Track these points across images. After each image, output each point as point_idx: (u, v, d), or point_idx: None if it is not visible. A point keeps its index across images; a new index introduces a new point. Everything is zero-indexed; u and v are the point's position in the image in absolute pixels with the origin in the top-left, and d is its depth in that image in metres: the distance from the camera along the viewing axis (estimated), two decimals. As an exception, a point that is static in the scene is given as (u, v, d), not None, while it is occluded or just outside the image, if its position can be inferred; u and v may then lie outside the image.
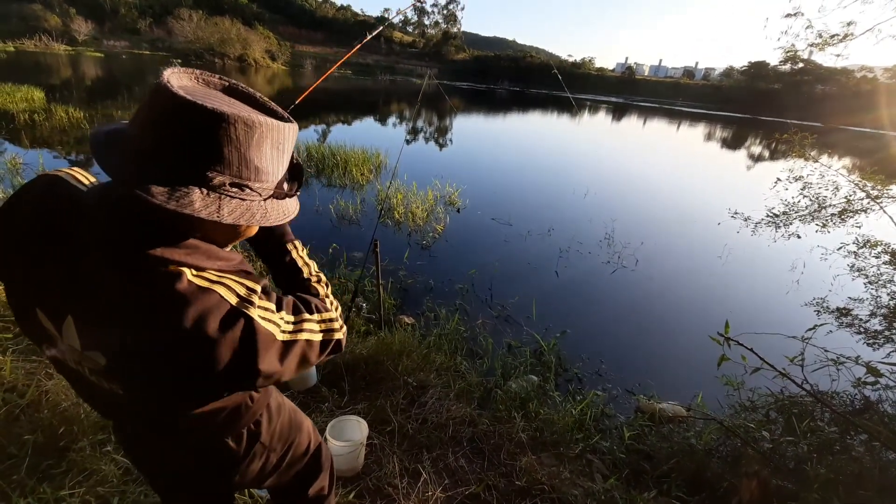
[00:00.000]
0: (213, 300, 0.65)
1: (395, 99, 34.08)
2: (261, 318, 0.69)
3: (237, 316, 0.66)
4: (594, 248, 6.47)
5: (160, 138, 0.61)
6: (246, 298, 0.69)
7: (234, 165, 0.64)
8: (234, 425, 0.94)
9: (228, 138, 0.61)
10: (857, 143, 31.07)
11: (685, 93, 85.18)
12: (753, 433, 2.30)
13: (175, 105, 0.59)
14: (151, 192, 0.59)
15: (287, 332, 0.73)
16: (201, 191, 0.62)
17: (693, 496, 2.19)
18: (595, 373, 3.61)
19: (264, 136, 0.66)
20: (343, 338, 0.87)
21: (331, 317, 0.85)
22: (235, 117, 0.61)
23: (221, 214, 0.64)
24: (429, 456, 2.23)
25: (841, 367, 2.33)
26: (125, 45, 56.47)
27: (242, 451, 0.99)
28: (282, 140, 0.70)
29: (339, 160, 8.91)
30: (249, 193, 0.67)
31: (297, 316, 0.77)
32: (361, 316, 3.51)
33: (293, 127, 0.73)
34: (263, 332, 0.68)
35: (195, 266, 0.67)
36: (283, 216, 0.75)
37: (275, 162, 0.70)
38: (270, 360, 0.70)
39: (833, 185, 3.37)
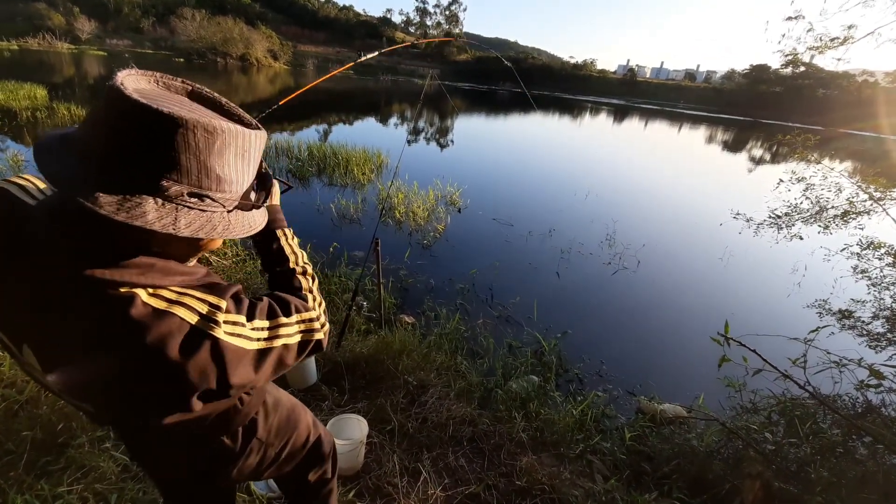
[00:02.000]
0: (172, 324, 0.60)
1: (396, 99, 34.09)
2: (227, 335, 0.65)
3: (200, 337, 0.62)
4: (595, 249, 6.46)
5: (111, 144, 0.56)
6: (208, 317, 0.64)
7: (193, 174, 0.59)
8: (226, 426, 0.92)
9: (186, 144, 0.57)
10: (858, 146, 31.04)
11: (686, 95, 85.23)
12: (755, 435, 2.29)
13: (127, 108, 0.54)
14: (98, 202, 0.53)
15: (261, 340, 0.70)
16: (156, 201, 0.57)
17: (694, 498, 2.18)
18: (596, 373, 3.59)
19: (227, 144, 0.61)
20: (324, 337, 0.84)
21: (311, 316, 0.81)
22: (195, 122, 0.57)
23: (178, 227, 0.59)
24: (429, 455, 2.22)
25: (843, 369, 2.32)
26: (128, 44, 56.61)
27: (238, 447, 0.98)
28: (247, 148, 0.65)
29: (341, 159, 8.91)
30: (210, 204, 0.63)
31: (273, 321, 0.74)
32: (362, 315, 3.50)
33: (261, 134, 0.68)
34: (231, 348, 0.65)
35: (150, 285, 0.62)
36: (247, 229, 0.70)
37: (239, 171, 0.65)
38: (243, 372, 0.67)
39: (836, 186, 3.37)
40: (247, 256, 4.25)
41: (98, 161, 0.56)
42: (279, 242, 0.93)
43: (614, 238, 6.82)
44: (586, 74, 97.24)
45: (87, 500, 1.68)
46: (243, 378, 0.67)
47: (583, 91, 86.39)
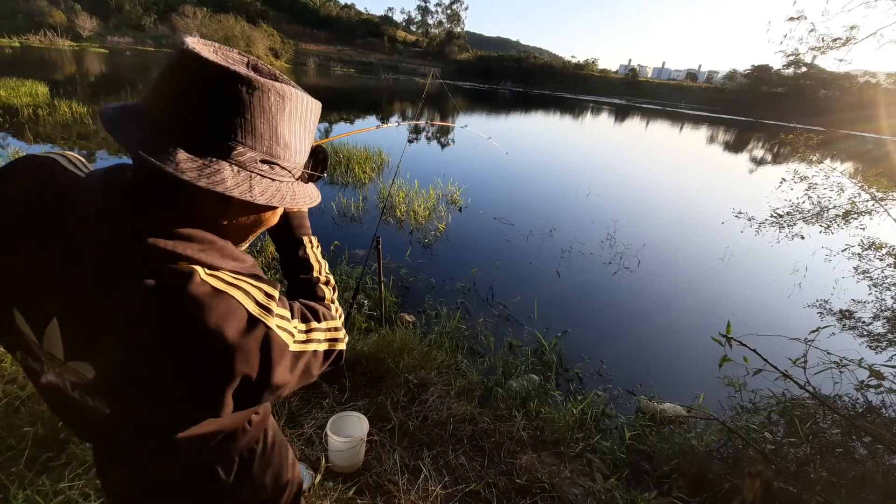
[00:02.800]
0: (232, 305, 0.57)
1: (398, 98, 34.09)
2: (278, 328, 0.62)
3: (256, 324, 0.59)
4: (596, 248, 6.46)
5: (185, 107, 0.54)
6: (265, 306, 0.61)
7: (266, 140, 0.58)
8: (227, 450, 0.84)
9: (262, 108, 0.55)
10: (859, 148, 31.02)
11: (688, 95, 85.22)
12: (754, 435, 2.29)
13: (203, 70, 0.52)
14: (180, 167, 0.51)
15: (298, 342, 0.67)
16: (231, 167, 0.55)
17: (694, 497, 2.18)
18: (596, 373, 3.59)
19: (295, 109, 0.60)
20: (344, 348, 0.80)
21: (336, 325, 0.78)
22: (269, 85, 0.55)
23: (253, 194, 0.57)
24: (429, 453, 2.22)
25: (844, 369, 2.32)
26: (129, 42, 56.64)
27: (231, 481, 0.86)
28: (308, 115, 0.64)
29: (342, 158, 8.91)
30: (279, 172, 0.61)
31: (307, 324, 0.71)
32: (363, 313, 3.51)
33: (318, 104, 0.67)
34: (279, 342, 0.62)
35: (208, 265, 0.58)
36: (310, 200, 0.68)
37: (301, 139, 0.64)
38: (282, 371, 0.63)
39: (838, 186, 3.37)
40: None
41: (174, 126, 0.54)
42: (305, 250, 0.89)
43: (615, 238, 6.82)
44: (588, 74, 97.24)
45: (89, 496, 1.69)
46: (281, 377, 0.63)
47: (584, 91, 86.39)
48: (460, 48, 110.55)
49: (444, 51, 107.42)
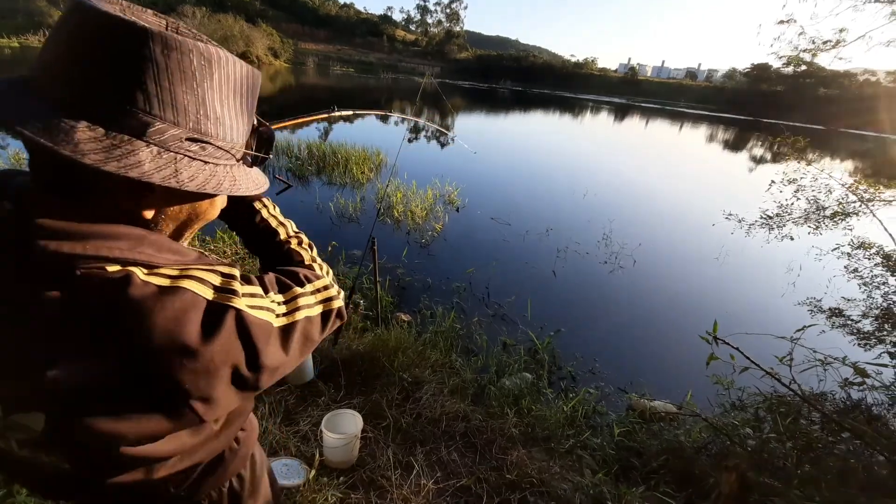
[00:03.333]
0: (186, 298, 0.47)
1: (397, 97, 34.10)
2: (250, 308, 0.53)
3: (221, 311, 0.49)
4: (592, 248, 6.50)
5: (83, 74, 0.42)
6: (226, 288, 0.52)
7: (191, 113, 0.47)
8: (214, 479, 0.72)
9: (182, 73, 0.45)
10: (858, 146, 31.05)
11: (688, 94, 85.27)
12: (738, 431, 2.34)
13: (104, 25, 0.42)
14: (80, 149, 0.41)
15: (284, 316, 0.59)
16: (150, 148, 0.45)
17: (680, 492, 2.23)
18: (589, 371, 3.65)
19: (227, 77, 0.49)
20: (343, 304, 0.72)
21: (324, 283, 0.69)
22: (190, 46, 0.45)
23: (180, 179, 0.46)
24: (422, 449, 2.28)
25: (828, 367, 2.36)
26: (128, 42, 56.63)
27: None
28: (245, 86, 0.53)
29: (340, 158, 8.95)
30: (213, 153, 0.51)
31: (287, 293, 0.62)
32: (359, 313, 3.56)
33: (257, 73, 0.55)
34: (257, 322, 0.53)
35: (144, 263, 0.48)
36: (254, 186, 0.58)
37: (240, 114, 0.54)
38: (273, 351, 0.55)
39: (826, 187, 3.42)
40: (246, 255, 4.31)
41: (70, 98, 0.43)
42: (261, 216, 0.79)
43: (611, 237, 6.86)
44: (587, 73, 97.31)
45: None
46: (274, 358, 0.55)
47: (584, 89, 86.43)
48: (459, 47, 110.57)
49: (443, 50, 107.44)
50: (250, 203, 0.80)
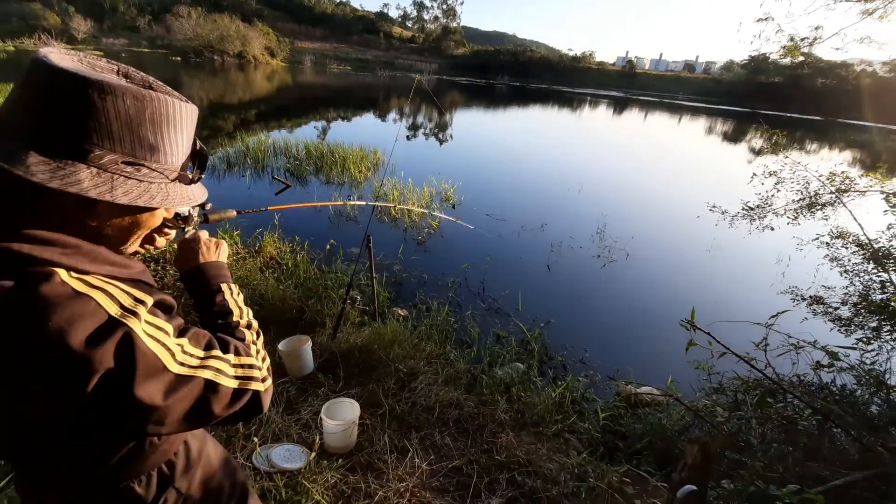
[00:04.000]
0: (87, 307, 0.55)
1: (394, 94, 34.15)
2: (146, 335, 0.59)
3: (113, 328, 0.56)
4: (586, 242, 6.63)
5: (38, 114, 0.55)
6: (130, 309, 0.59)
7: (126, 143, 0.58)
8: (139, 466, 0.78)
9: (117, 112, 0.56)
10: (854, 136, 31.08)
11: (685, 86, 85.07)
12: (716, 412, 2.48)
13: (54, 77, 0.54)
14: (30, 170, 0.52)
15: (185, 366, 0.63)
16: (90, 170, 0.56)
17: (661, 471, 2.37)
18: (579, 360, 3.78)
19: (158, 112, 0.60)
20: (263, 392, 0.74)
21: (250, 363, 0.74)
22: (124, 89, 0.57)
23: (115, 195, 0.57)
24: (417, 435, 2.41)
25: (801, 351, 2.50)
26: (124, 43, 56.56)
27: (152, 496, 0.83)
28: (179, 119, 0.64)
29: (338, 158, 9.07)
30: (147, 174, 0.62)
31: (208, 352, 0.68)
32: (356, 308, 3.69)
33: (191, 107, 0.67)
34: (145, 352, 0.58)
35: (72, 267, 0.57)
36: (186, 200, 0.68)
37: (173, 142, 0.64)
38: (153, 389, 0.59)
39: (804, 179, 3.53)
40: (247, 255, 4.44)
41: (25, 131, 0.55)
42: (223, 296, 0.87)
43: (604, 231, 6.99)
44: (585, 67, 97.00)
45: None
46: (150, 395, 0.58)
47: (582, 84, 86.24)
48: (456, 43, 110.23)
49: (440, 46, 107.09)
50: (217, 283, 0.89)
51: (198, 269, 0.90)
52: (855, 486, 1.92)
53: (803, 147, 24.19)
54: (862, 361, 2.51)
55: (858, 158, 21.18)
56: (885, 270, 3.23)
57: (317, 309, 3.44)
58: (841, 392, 2.56)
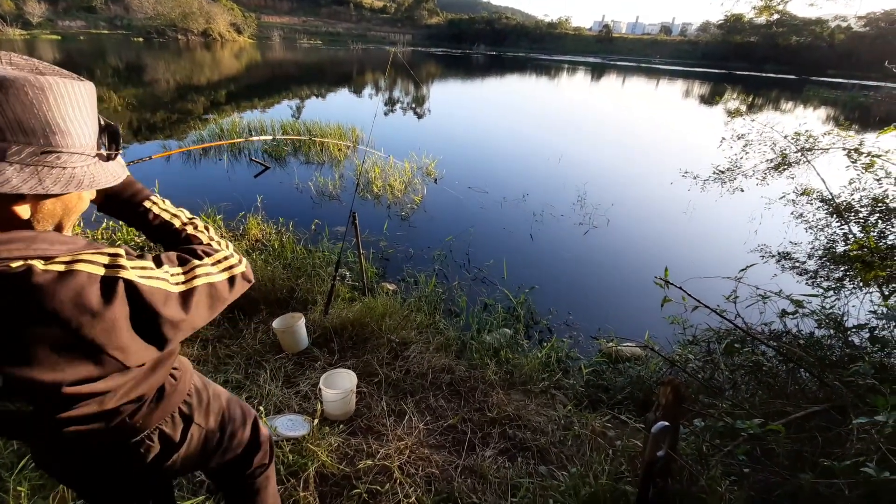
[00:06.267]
0: (81, 279, 0.60)
1: (368, 68, 33.36)
2: (141, 278, 0.66)
3: (113, 282, 0.63)
4: (567, 210, 6.76)
5: None
6: (114, 264, 0.64)
7: (39, 133, 0.59)
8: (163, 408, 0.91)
9: (21, 104, 0.56)
10: (826, 94, 31.55)
11: (662, 49, 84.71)
12: (685, 360, 2.66)
13: None
14: None
15: (180, 284, 0.72)
16: (13, 167, 0.57)
17: (640, 417, 2.56)
18: (563, 323, 3.95)
19: (59, 96, 0.60)
20: (246, 269, 0.87)
21: (223, 255, 0.84)
22: (23, 80, 0.56)
23: (46, 186, 0.59)
24: (412, 399, 2.54)
25: (768, 301, 2.67)
26: (82, 26, 53.78)
27: (179, 434, 0.97)
28: (80, 98, 0.64)
29: (317, 136, 8.94)
30: (68, 159, 0.63)
31: (186, 265, 0.76)
32: (346, 284, 3.77)
33: (88, 85, 0.67)
34: (149, 289, 0.66)
35: (40, 257, 0.60)
36: (112, 178, 0.70)
37: (80, 122, 0.64)
38: (173, 310, 0.69)
39: (771, 140, 3.67)
40: (231, 238, 4.45)
41: None
42: (152, 212, 0.91)
43: (585, 199, 7.12)
44: (562, 33, 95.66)
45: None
46: (175, 316, 0.69)
47: (559, 50, 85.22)
48: (430, 12, 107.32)
49: (413, 16, 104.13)
50: (140, 202, 0.90)
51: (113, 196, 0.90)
52: (814, 418, 2.12)
53: (778, 107, 24.56)
54: (823, 307, 2.70)
55: (831, 116, 21.60)
56: (847, 223, 3.42)
57: (307, 287, 3.51)
58: (804, 336, 2.76)
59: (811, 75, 52.71)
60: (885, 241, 2.97)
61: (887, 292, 2.67)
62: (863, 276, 2.72)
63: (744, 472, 1.81)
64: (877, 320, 2.36)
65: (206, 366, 2.67)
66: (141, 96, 14.85)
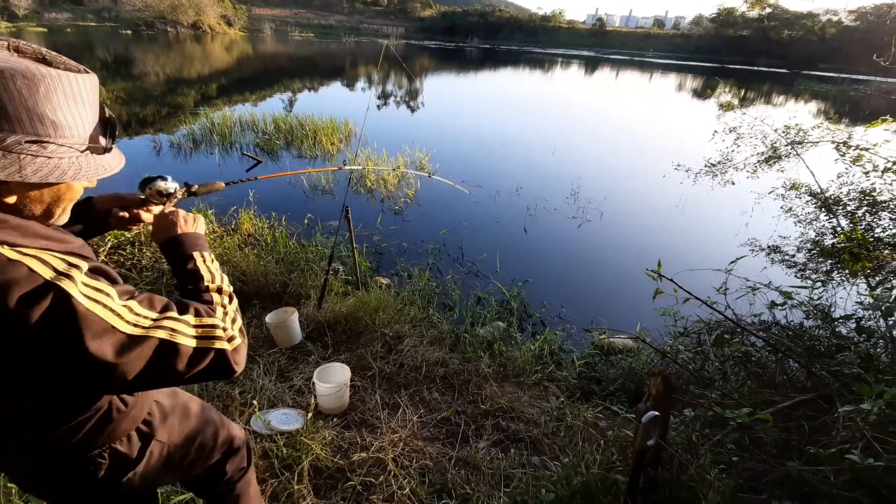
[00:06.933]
0: (19, 273, 0.58)
1: (361, 61, 33.10)
2: (83, 296, 0.62)
3: (47, 289, 0.59)
4: (560, 204, 6.77)
5: None
6: (63, 272, 0.61)
7: (25, 122, 0.59)
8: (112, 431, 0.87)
9: (9, 94, 0.57)
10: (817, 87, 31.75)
11: (655, 43, 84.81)
12: (676, 351, 2.70)
13: None
14: None
15: (138, 326, 0.66)
16: None
17: (632, 408, 2.59)
18: (556, 316, 3.97)
19: (52, 88, 0.60)
20: (230, 351, 0.77)
21: (213, 322, 0.76)
22: (10, 71, 0.57)
23: (24, 174, 0.59)
24: (406, 392, 2.56)
25: (758, 292, 2.71)
26: (69, 18, 52.85)
27: (136, 452, 0.93)
28: (77, 91, 0.64)
29: (308, 130, 8.89)
30: (56, 150, 0.63)
31: (162, 314, 0.71)
32: (339, 279, 3.76)
33: (90, 77, 0.67)
34: (85, 312, 0.61)
35: (4, 242, 0.60)
36: (101, 171, 0.69)
37: (75, 115, 0.64)
38: (102, 347, 0.62)
39: (762, 133, 3.70)
40: (224, 233, 4.42)
41: None
42: (195, 263, 0.90)
43: (578, 192, 7.14)
44: (555, 26, 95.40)
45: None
46: (100, 353, 0.62)
47: (553, 44, 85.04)
48: (423, 4, 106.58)
49: (406, 8, 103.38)
50: (190, 252, 0.91)
51: (175, 240, 0.93)
52: (802, 407, 2.16)
53: (769, 101, 24.69)
54: (811, 299, 2.74)
55: (822, 110, 21.76)
56: (835, 216, 3.46)
57: (300, 282, 3.50)
58: (792, 327, 2.80)
59: (802, 69, 52.98)
60: (873, 234, 3.01)
61: (874, 283, 2.70)
62: (850, 267, 2.76)
63: (732, 461, 1.85)
64: (863, 311, 2.40)
65: (199, 361, 2.66)
66: (130, 90, 14.64)
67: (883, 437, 1.39)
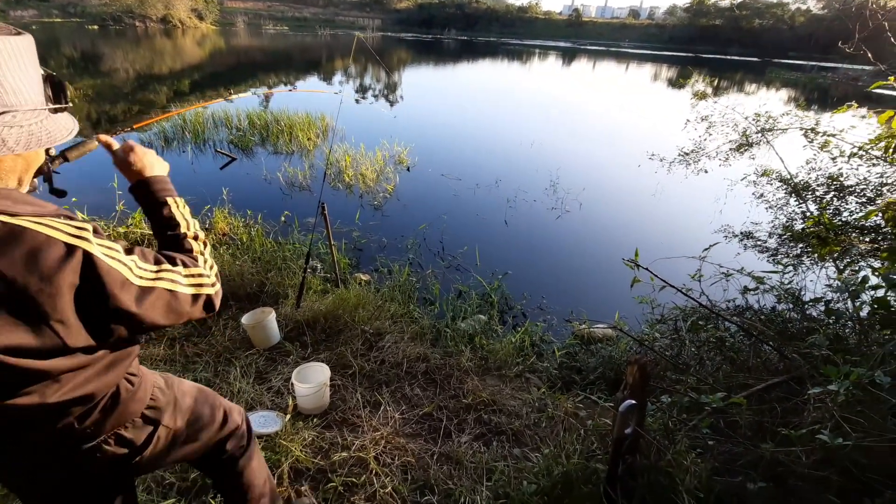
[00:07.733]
0: (40, 238, 0.60)
1: (337, 55, 32.59)
2: (103, 255, 0.65)
3: (73, 249, 0.62)
4: (540, 195, 6.80)
5: None
6: (78, 235, 0.64)
7: None
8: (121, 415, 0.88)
9: None
10: (787, 75, 32.49)
11: (631, 33, 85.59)
12: (653, 339, 2.73)
13: None
14: None
15: (144, 279, 0.71)
16: None
17: (611, 396, 2.62)
18: (537, 307, 4.00)
19: (6, 56, 0.60)
20: (214, 294, 0.85)
21: (198, 272, 0.84)
22: None
23: (10, 146, 0.60)
24: (387, 389, 2.54)
25: (731, 278, 2.76)
26: (34, 14, 50.54)
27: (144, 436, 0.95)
28: (19, 54, 0.63)
29: (284, 126, 8.71)
30: (23, 117, 0.63)
31: (158, 265, 0.76)
32: (318, 276, 3.71)
33: (26, 38, 0.65)
34: (107, 267, 0.65)
35: (4, 212, 0.61)
36: (66, 132, 0.71)
37: (24, 79, 0.64)
38: (126, 299, 0.67)
39: (733, 122, 3.75)
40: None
41: None
42: (170, 209, 0.94)
43: (557, 184, 7.17)
44: (532, 17, 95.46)
45: None
46: (126, 302, 0.67)
47: (530, 35, 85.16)
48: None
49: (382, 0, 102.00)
50: (164, 197, 0.95)
51: (143, 184, 0.95)
52: (775, 389, 2.21)
53: (742, 89, 25.17)
54: (782, 283, 2.81)
55: (792, 97, 22.29)
56: (804, 201, 3.54)
57: (277, 281, 3.44)
58: (765, 311, 2.87)
59: (773, 57, 54.12)
60: (840, 218, 3.09)
61: (841, 266, 2.78)
62: (819, 251, 2.83)
63: (708, 445, 1.88)
64: (832, 293, 2.46)
65: (174, 365, 2.59)
66: (98, 87, 14.13)
67: (851, 416, 1.43)
